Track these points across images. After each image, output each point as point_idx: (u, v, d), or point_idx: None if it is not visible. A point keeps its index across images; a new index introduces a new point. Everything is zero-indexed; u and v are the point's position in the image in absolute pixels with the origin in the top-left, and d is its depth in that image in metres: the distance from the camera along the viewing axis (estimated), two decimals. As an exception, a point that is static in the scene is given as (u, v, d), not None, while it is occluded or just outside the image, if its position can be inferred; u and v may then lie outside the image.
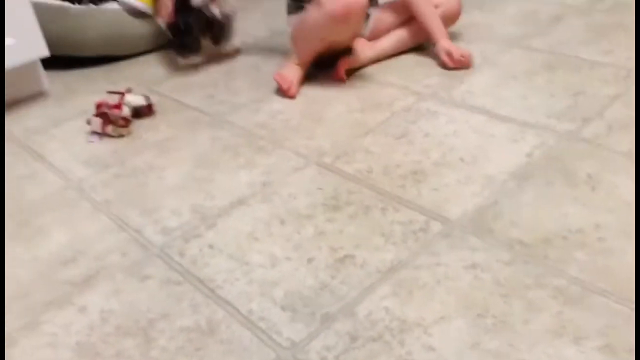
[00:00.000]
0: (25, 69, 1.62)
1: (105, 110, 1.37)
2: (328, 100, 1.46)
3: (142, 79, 1.69)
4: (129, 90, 1.44)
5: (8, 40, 1.52)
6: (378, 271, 0.92)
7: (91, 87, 1.67)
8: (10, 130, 1.50)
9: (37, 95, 1.67)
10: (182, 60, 1.74)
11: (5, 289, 0.97)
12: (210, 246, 1.02)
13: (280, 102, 1.48)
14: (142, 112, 1.45)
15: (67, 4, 1.76)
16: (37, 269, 1.01)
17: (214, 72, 1.69)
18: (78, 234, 1.09)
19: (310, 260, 0.96)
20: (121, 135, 1.38)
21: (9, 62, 1.54)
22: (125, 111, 1.39)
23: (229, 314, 0.87)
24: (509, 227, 0.97)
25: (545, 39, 1.64)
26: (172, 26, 1.65)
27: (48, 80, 1.69)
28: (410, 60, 1.62)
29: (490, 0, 1.95)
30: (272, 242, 1.01)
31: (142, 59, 1.84)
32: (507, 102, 1.35)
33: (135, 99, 1.43)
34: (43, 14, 1.63)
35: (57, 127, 1.49)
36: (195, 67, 1.72)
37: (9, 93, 1.63)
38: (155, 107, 1.48)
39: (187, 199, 1.15)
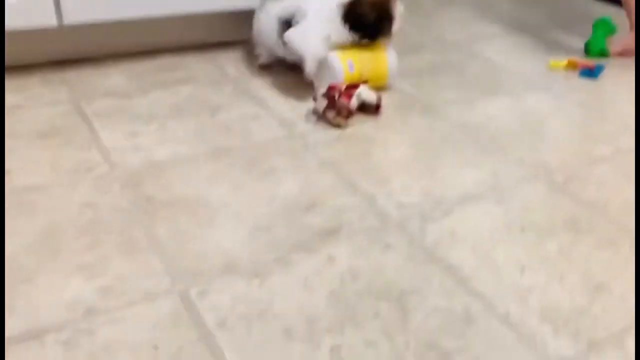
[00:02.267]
0: (244, 13, 1.65)
1: (335, 95, 1.29)
2: (544, 117, 1.41)
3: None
4: (365, 82, 1.36)
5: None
6: None
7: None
8: (225, 69, 1.53)
9: (248, 42, 1.69)
10: None
11: (248, 219, 0.98)
12: (451, 234, 0.99)
13: (493, 106, 1.44)
14: (368, 108, 1.35)
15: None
16: (278, 207, 1.02)
17: (416, 63, 1.67)
18: (310, 184, 1.09)
19: (562, 278, 0.92)
20: (338, 126, 1.30)
21: (234, 3, 1.56)
22: (354, 103, 1.31)
23: (485, 308, 0.84)
24: None
25: None
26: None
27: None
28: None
29: None
30: (515, 247, 0.97)
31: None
32: None
33: (368, 94, 1.34)
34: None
35: (272, 76, 1.50)
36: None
37: (225, 32, 1.66)
38: (383, 110, 1.36)
39: (415, 179, 1.13)
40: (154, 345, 0.74)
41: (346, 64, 1.36)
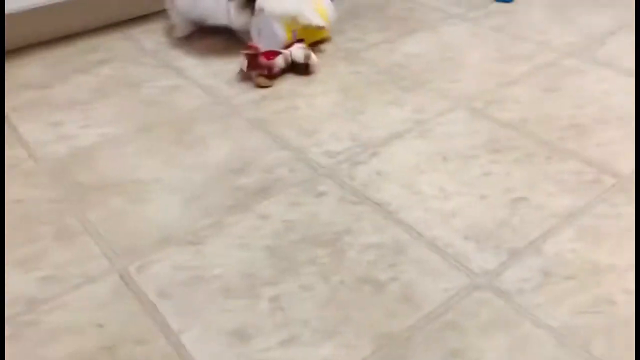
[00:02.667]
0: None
1: (253, 52, 1.27)
2: (463, 47, 1.44)
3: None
4: (300, 40, 1.34)
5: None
6: (556, 215, 0.93)
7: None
8: (143, 43, 1.51)
9: (163, 12, 1.67)
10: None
11: (182, 189, 1.00)
12: (378, 173, 1.03)
13: (414, 44, 1.47)
14: (299, 68, 1.33)
15: None
16: (210, 174, 1.04)
17: (337, 10, 1.68)
18: (240, 146, 1.11)
19: (483, 197, 0.97)
20: (260, 86, 1.28)
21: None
22: (278, 62, 1.29)
23: (413, 237, 0.89)
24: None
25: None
26: None
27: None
28: (542, 13, 1.59)
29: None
30: (439, 176, 1.02)
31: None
32: (657, 68, 1.33)
33: (297, 54, 1.31)
34: None
35: (188, 44, 1.50)
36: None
37: (138, 5, 1.63)
38: (313, 68, 1.34)
39: (342, 126, 1.16)
40: (99, 324, 0.76)
41: (290, 32, 1.36)
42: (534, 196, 0.97)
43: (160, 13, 1.65)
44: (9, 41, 1.47)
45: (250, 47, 1.29)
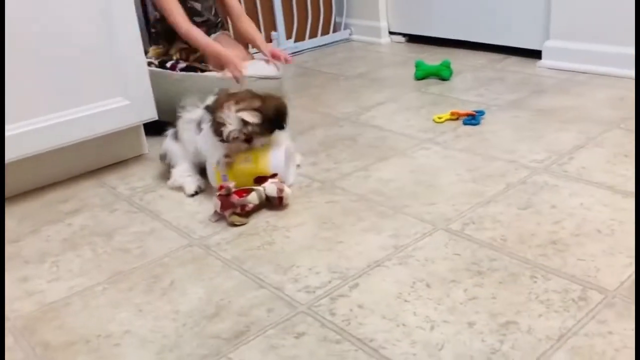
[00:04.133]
0: (130, 131, 1.66)
1: (225, 193, 1.27)
2: (435, 170, 1.46)
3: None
4: (274, 176, 1.35)
5: (123, 101, 1.57)
6: (548, 338, 0.88)
7: (192, 151, 1.70)
8: (118, 189, 1.52)
9: (138, 157, 1.70)
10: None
11: (153, 342, 0.94)
12: (360, 306, 0.99)
13: (387, 171, 1.49)
14: (272, 202, 1.33)
15: (168, 70, 1.82)
16: (182, 322, 0.99)
17: (310, 142, 1.72)
18: (214, 289, 1.07)
19: (471, 324, 0.92)
20: (234, 225, 1.26)
21: (122, 122, 1.58)
22: (252, 198, 1.28)
23: (401, 375, 0.83)
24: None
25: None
26: None
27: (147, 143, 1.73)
28: (507, 129, 1.64)
29: (575, 86, 1.99)
30: (423, 304, 0.98)
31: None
32: (627, 178, 1.34)
33: (271, 189, 1.31)
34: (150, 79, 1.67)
35: (163, 188, 1.50)
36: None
37: (112, 153, 1.66)
38: (287, 201, 1.33)
39: (320, 258, 1.14)
40: None
41: (219, 176, 1.38)
42: (522, 319, 0.92)
43: (134, 159, 1.67)
44: (-18, 197, 1.46)
45: (221, 188, 1.29)
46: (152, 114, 1.63)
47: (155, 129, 1.64)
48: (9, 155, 1.40)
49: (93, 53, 1.49)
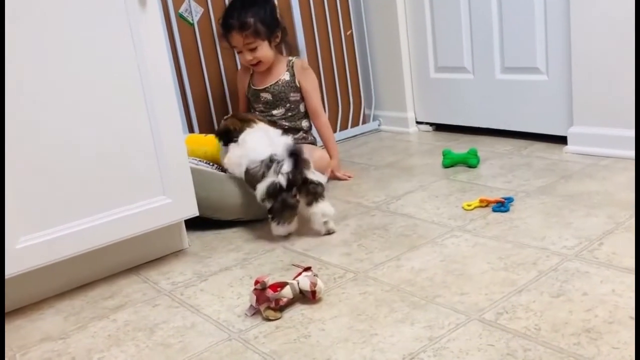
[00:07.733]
0: (171, 227, 1.74)
1: (260, 287, 1.31)
2: (466, 259, 1.49)
3: (274, 237, 1.77)
4: (308, 269, 1.39)
5: (165, 200, 1.66)
6: None
7: (228, 246, 1.77)
8: (160, 284, 1.58)
9: (178, 253, 1.77)
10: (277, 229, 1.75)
11: None
12: (396, 400, 1.00)
13: (419, 260, 1.52)
14: (306, 295, 1.37)
15: (210, 169, 1.93)
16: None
17: (343, 233, 1.77)
18: (253, 384, 1.10)
19: (507, 418, 0.92)
20: (268, 319, 1.30)
21: (163, 220, 1.66)
22: (286, 292, 1.33)
23: None
24: None
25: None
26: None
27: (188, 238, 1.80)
28: (538, 216, 1.66)
29: (600, 171, 2.03)
30: (459, 398, 0.98)
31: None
32: (659, 263, 1.35)
33: (304, 282, 1.35)
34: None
35: (204, 281, 1.56)
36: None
37: (154, 249, 1.73)
38: (320, 295, 1.36)
39: (355, 351, 1.16)
40: None
41: None
42: (560, 412, 0.92)
43: (175, 253, 1.74)
44: (27, 296, 1.54)
45: (257, 282, 1.34)
46: (193, 211, 1.72)
47: (195, 222, 1.72)
48: (55, 256, 1.48)
49: (139, 156, 1.60)
